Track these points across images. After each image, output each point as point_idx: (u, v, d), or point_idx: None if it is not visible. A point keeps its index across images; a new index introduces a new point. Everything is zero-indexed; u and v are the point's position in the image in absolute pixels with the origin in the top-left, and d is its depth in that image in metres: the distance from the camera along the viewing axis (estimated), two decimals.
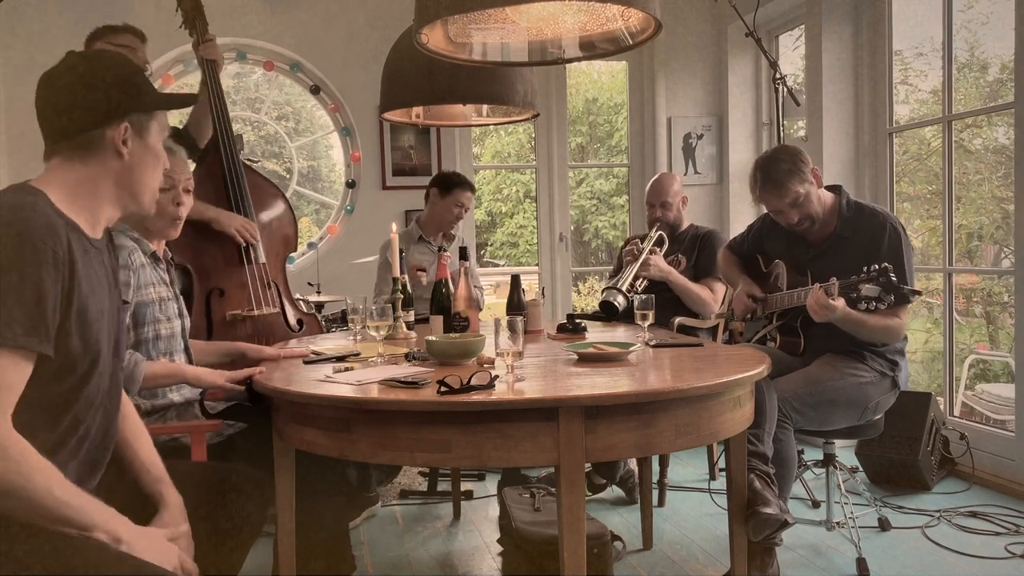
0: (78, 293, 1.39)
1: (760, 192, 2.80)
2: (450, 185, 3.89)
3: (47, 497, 1.31)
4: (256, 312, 3.01)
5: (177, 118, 3.91)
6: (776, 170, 2.74)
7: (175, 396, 2.25)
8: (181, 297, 2.38)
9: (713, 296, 3.66)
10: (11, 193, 1.42)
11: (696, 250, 3.76)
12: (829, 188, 2.89)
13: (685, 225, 3.88)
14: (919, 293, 2.59)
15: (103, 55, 1.61)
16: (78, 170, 1.48)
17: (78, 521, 1.35)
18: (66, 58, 1.54)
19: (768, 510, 2.25)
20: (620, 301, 3.42)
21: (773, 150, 2.88)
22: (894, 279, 2.46)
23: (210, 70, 3.22)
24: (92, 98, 1.48)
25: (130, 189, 1.54)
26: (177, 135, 3.17)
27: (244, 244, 3.04)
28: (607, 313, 3.45)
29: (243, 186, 3.13)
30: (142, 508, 1.67)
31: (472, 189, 3.97)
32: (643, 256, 3.61)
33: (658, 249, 3.71)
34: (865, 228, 2.77)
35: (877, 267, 2.48)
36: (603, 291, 3.55)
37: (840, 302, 2.52)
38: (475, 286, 3.91)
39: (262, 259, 3.11)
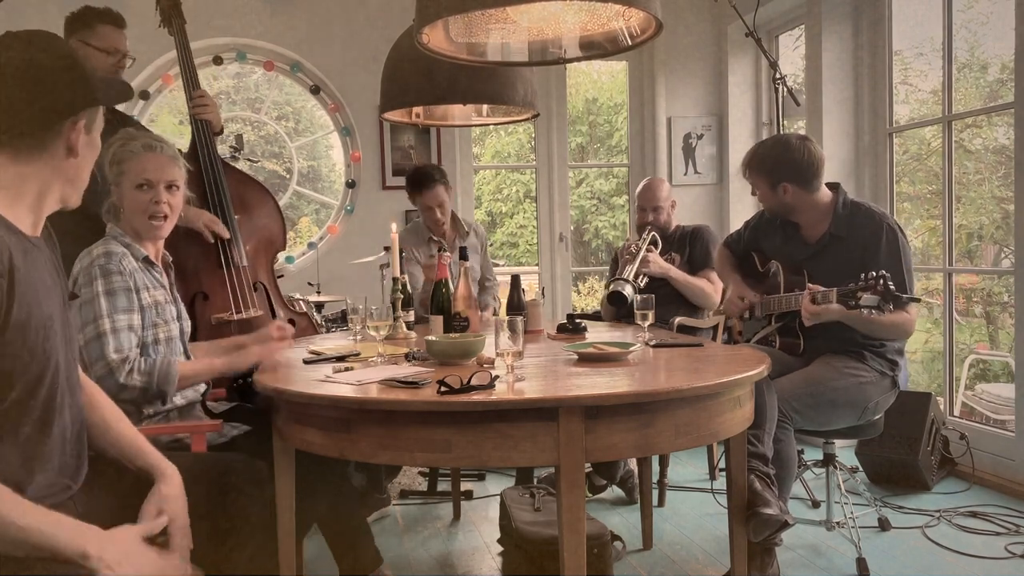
0: (20, 303, 1.30)
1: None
2: (411, 195, 3.73)
3: (5, 524, 1.23)
4: (240, 315, 2.96)
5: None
6: (755, 153, 2.90)
7: (177, 398, 2.25)
8: (180, 300, 2.37)
9: (713, 287, 3.70)
10: None
11: (688, 245, 3.82)
12: (828, 186, 2.89)
13: (673, 227, 3.93)
14: (918, 300, 2.58)
15: (47, 41, 1.42)
16: (22, 169, 1.36)
17: (40, 543, 1.25)
18: (7, 43, 1.38)
19: (768, 511, 2.25)
20: (629, 291, 3.45)
21: (781, 138, 2.92)
22: (892, 287, 2.42)
23: (204, 130, 3.12)
24: (47, 92, 1.34)
25: (74, 185, 1.44)
26: None
27: (213, 240, 2.97)
28: (616, 304, 3.46)
29: (221, 186, 3.08)
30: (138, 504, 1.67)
31: (433, 182, 3.66)
32: (641, 253, 3.64)
33: (654, 248, 3.75)
34: (861, 228, 2.76)
35: (875, 274, 2.45)
36: (610, 282, 3.55)
37: (834, 307, 2.51)
38: (487, 279, 3.90)
39: (243, 262, 3.06)
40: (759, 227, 3.13)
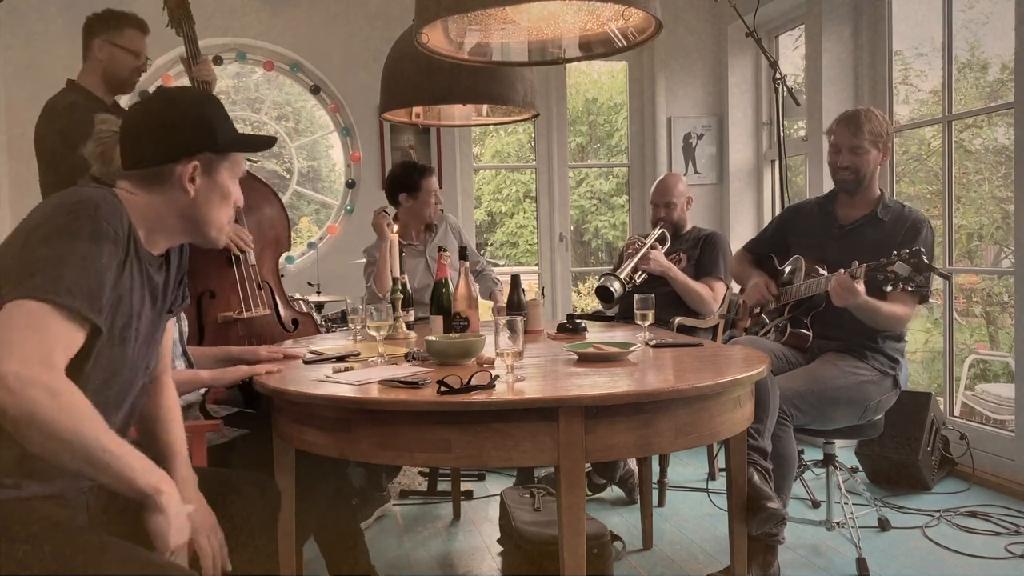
0: (120, 281, 1.45)
1: (836, 123, 2.92)
2: (414, 183, 3.74)
3: (95, 445, 1.30)
4: (247, 314, 2.98)
5: None
6: (865, 117, 2.87)
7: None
8: None
9: (713, 294, 3.66)
10: (88, 187, 1.53)
11: (699, 249, 3.76)
12: None
13: (689, 226, 3.89)
14: (948, 277, 2.64)
15: (187, 93, 1.77)
16: (144, 197, 1.56)
17: (119, 472, 1.33)
18: (153, 93, 1.67)
19: (773, 504, 2.27)
20: (616, 288, 3.43)
21: (876, 111, 2.96)
22: (927, 260, 2.50)
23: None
24: (165, 135, 1.56)
25: (194, 222, 1.60)
26: None
27: (240, 253, 2.99)
28: (602, 299, 3.46)
29: None
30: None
31: (432, 171, 3.81)
32: (644, 249, 3.62)
33: (659, 245, 3.72)
34: (904, 220, 2.85)
35: (909, 250, 2.52)
36: (600, 277, 3.55)
37: (862, 286, 2.55)
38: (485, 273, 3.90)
39: (252, 261, 3.07)
40: (787, 216, 3.19)
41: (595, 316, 3.69)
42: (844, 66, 4.47)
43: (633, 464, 3.50)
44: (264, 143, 1.69)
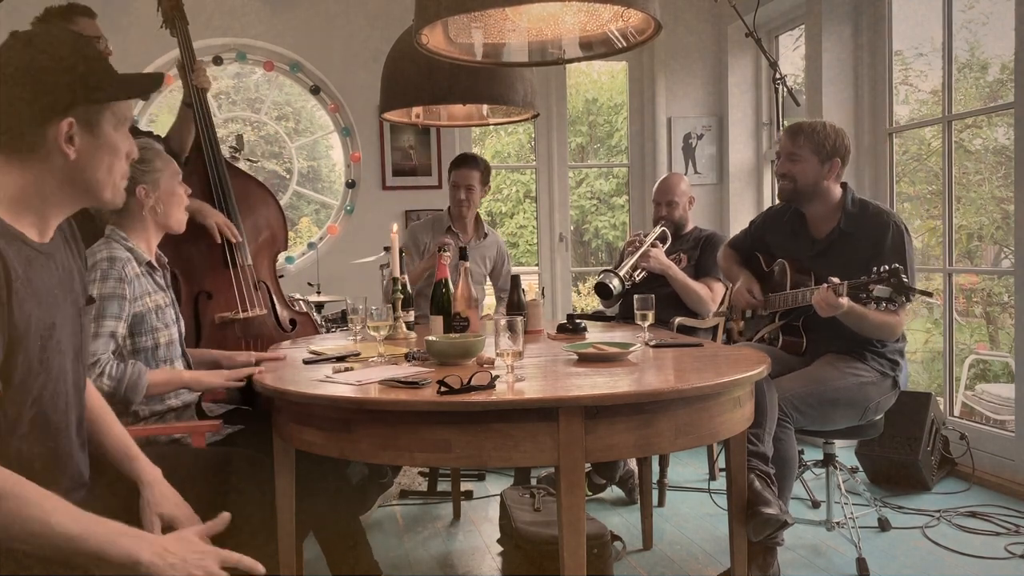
0: (18, 311, 1.28)
1: (784, 129, 2.91)
2: (450, 168, 3.88)
3: (50, 535, 1.21)
4: (244, 314, 2.98)
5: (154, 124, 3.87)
6: (809, 126, 2.84)
7: (174, 401, 2.25)
8: (176, 302, 2.37)
9: (711, 295, 3.66)
10: None
11: (699, 250, 3.77)
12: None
13: (690, 226, 3.89)
14: (930, 295, 2.60)
15: (43, 37, 1.36)
16: (17, 174, 1.32)
17: (87, 551, 1.23)
18: (6, 42, 1.34)
19: (769, 510, 2.26)
20: (615, 284, 3.43)
21: (830, 124, 2.91)
22: (905, 280, 2.45)
23: (198, 96, 3.14)
24: (28, 93, 1.30)
25: (83, 187, 1.39)
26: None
27: (220, 240, 2.98)
28: (601, 296, 3.46)
29: (226, 186, 3.09)
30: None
31: (467, 163, 3.80)
32: (644, 247, 3.62)
33: (660, 244, 3.72)
34: (869, 226, 2.78)
35: (888, 268, 2.47)
36: (599, 273, 3.55)
37: (846, 300, 2.52)
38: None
39: (248, 261, 3.08)
40: (766, 224, 3.15)
41: (595, 316, 3.69)
42: (844, 66, 4.47)
43: (633, 464, 3.50)
44: (149, 82, 1.44)
